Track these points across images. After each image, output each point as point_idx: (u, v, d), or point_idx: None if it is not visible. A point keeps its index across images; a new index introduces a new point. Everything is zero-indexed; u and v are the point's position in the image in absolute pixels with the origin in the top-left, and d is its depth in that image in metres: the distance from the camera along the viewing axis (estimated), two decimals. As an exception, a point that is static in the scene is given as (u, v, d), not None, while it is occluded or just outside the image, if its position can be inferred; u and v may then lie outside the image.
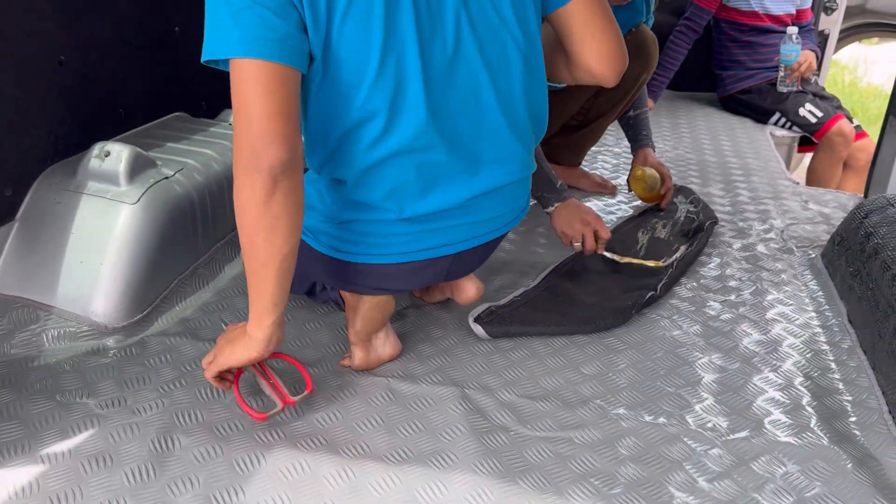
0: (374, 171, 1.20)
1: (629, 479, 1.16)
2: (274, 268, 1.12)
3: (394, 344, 1.42)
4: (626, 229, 2.04)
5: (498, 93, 1.24)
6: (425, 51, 1.15)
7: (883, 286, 1.43)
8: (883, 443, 1.26)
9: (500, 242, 1.44)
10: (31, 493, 1.08)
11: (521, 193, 1.38)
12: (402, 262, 1.29)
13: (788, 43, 3.10)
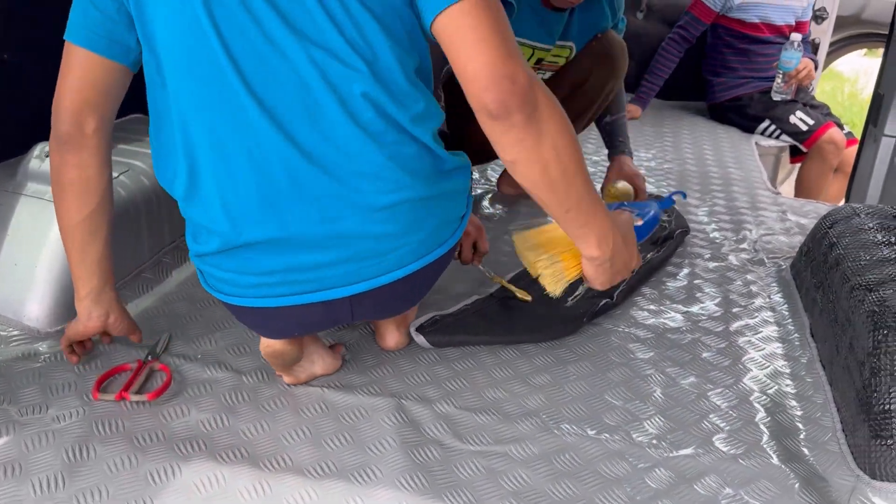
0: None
1: (561, 498, 1.11)
2: (66, 239, 1.25)
3: (328, 362, 1.35)
4: None
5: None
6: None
7: (842, 298, 1.37)
8: (833, 462, 1.20)
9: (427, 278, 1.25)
10: (-70, 504, 1.03)
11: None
12: (255, 307, 1.19)
13: (790, 49, 3.04)
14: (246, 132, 1.07)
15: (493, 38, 0.98)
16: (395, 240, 1.13)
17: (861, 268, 1.36)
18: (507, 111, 0.98)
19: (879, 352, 1.17)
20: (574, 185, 1.06)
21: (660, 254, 1.88)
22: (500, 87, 0.97)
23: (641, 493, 1.13)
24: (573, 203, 1.08)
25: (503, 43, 0.99)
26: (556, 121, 1.02)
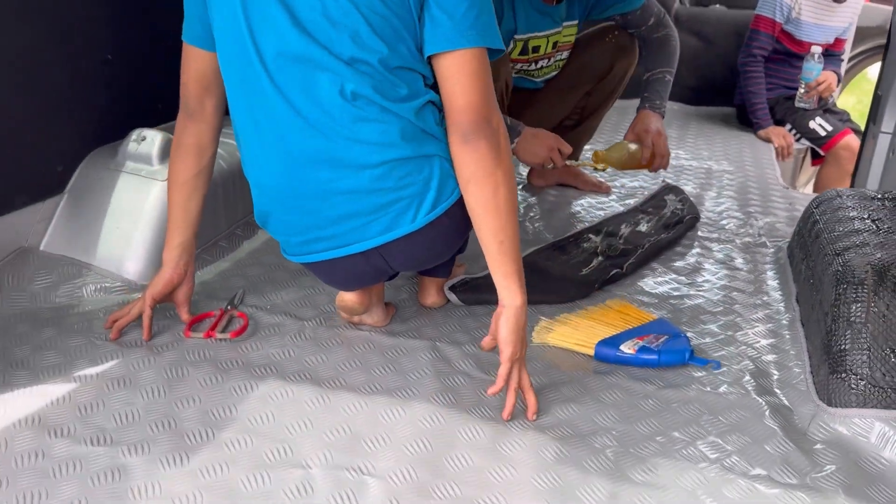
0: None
1: (565, 416, 1.35)
2: (173, 193, 1.50)
3: (380, 316, 1.60)
4: (612, 220, 2.21)
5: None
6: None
7: (818, 264, 1.58)
8: (799, 397, 1.42)
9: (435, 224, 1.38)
10: (62, 404, 1.31)
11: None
12: (309, 263, 1.45)
13: (811, 61, 3.23)
14: (271, 114, 1.32)
15: (484, 84, 1.28)
16: (391, 194, 1.32)
17: (834, 238, 1.57)
18: (477, 137, 1.26)
19: (839, 302, 1.39)
20: (510, 221, 1.29)
21: (669, 235, 2.10)
22: (479, 120, 1.27)
23: (635, 412, 1.36)
24: (507, 237, 1.28)
25: (489, 91, 1.29)
26: (508, 161, 1.29)
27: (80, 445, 1.21)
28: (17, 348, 1.46)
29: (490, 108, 1.28)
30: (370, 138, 1.29)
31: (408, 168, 1.31)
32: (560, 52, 2.31)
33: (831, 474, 1.22)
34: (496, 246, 1.28)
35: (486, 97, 1.28)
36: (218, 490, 1.13)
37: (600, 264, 1.88)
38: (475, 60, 1.27)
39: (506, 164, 1.28)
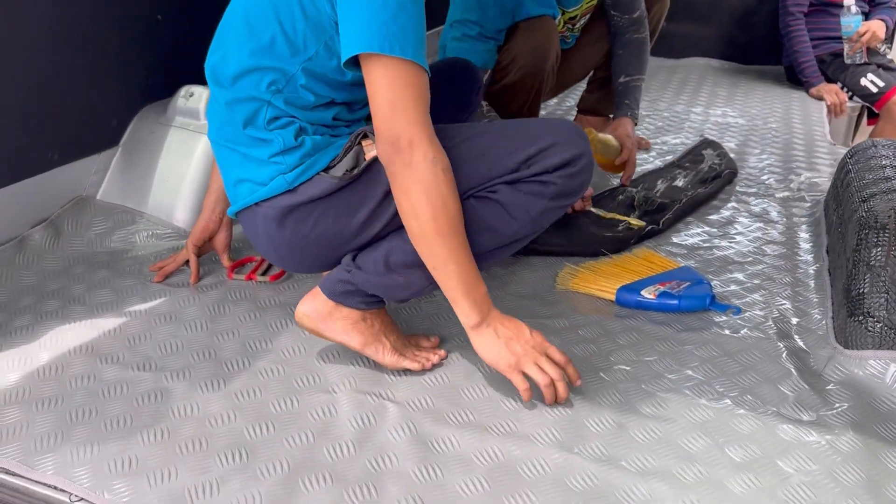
0: None
1: (578, 355, 1.40)
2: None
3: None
4: (648, 176, 2.23)
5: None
6: None
7: (847, 210, 1.58)
8: (817, 341, 1.44)
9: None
10: (114, 335, 1.42)
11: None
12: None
13: (847, 15, 3.14)
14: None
15: (397, 95, 1.13)
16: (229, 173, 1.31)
17: (863, 185, 1.56)
18: (388, 160, 1.14)
19: (860, 247, 1.39)
20: (439, 247, 1.16)
21: (707, 190, 2.10)
22: (387, 143, 1.14)
23: (650, 352, 1.40)
24: (439, 263, 1.18)
25: (402, 102, 1.13)
26: (423, 181, 1.13)
27: (128, 371, 1.32)
28: (74, 286, 1.58)
29: (404, 118, 1.13)
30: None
31: (232, 156, 1.31)
32: (585, 16, 2.31)
33: (842, 412, 1.25)
34: (431, 272, 1.20)
35: (400, 107, 1.13)
36: (251, 411, 1.23)
37: (637, 221, 1.89)
38: (387, 70, 1.13)
39: (419, 190, 1.13)
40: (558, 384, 1.22)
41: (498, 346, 1.22)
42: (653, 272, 1.64)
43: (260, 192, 1.25)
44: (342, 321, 1.31)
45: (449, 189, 1.15)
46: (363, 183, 1.23)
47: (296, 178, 1.23)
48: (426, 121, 1.15)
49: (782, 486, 1.09)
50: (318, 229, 1.25)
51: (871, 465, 1.13)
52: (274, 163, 1.24)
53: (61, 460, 1.12)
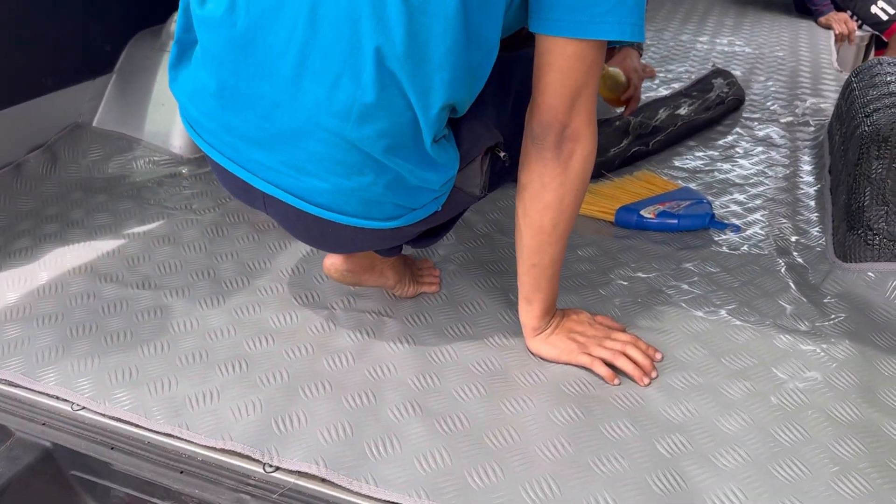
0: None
1: (576, 271, 1.40)
2: None
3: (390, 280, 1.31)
4: (651, 105, 2.19)
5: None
6: None
7: (850, 127, 1.56)
8: (816, 257, 1.43)
9: (346, 235, 1.08)
10: (113, 256, 1.43)
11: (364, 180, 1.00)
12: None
13: None
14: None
15: (571, 86, 0.99)
16: (318, 169, 1.00)
17: (867, 101, 1.54)
18: (544, 143, 1.02)
19: (861, 161, 1.38)
20: (552, 247, 1.10)
21: (707, 115, 2.07)
22: (552, 125, 1.01)
23: (648, 268, 1.40)
24: (542, 262, 1.11)
25: (576, 93, 1.00)
26: (575, 183, 1.05)
27: (128, 289, 1.33)
28: (72, 211, 1.58)
29: (571, 114, 1.01)
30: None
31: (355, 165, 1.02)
32: None
33: (839, 322, 1.25)
34: (527, 267, 1.12)
35: (570, 99, 1.00)
36: (250, 326, 1.24)
37: (629, 144, 1.88)
38: (564, 54, 0.97)
39: (570, 184, 1.04)
40: (627, 349, 1.13)
41: (551, 342, 1.15)
42: (653, 193, 1.63)
43: (411, 217, 1.06)
44: (379, 268, 1.25)
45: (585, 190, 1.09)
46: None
47: (442, 196, 1.06)
48: (595, 110, 1.04)
49: (777, 390, 1.10)
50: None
51: (865, 372, 1.14)
52: (431, 190, 1.04)
53: (63, 372, 1.13)
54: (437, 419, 1.04)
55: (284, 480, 0.97)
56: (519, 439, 1.01)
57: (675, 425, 1.04)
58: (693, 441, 1.01)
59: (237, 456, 1.00)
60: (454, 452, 0.99)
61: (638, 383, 1.11)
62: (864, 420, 1.05)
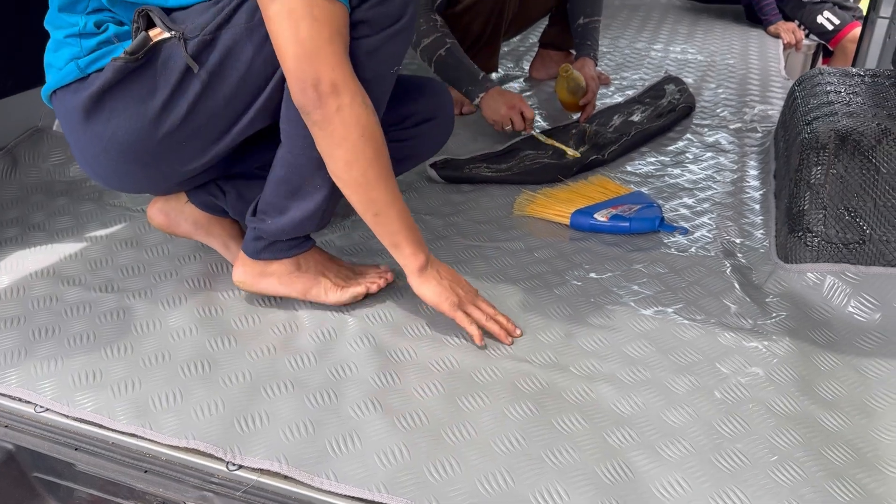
0: None
1: (532, 273, 1.45)
2: None
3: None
4: (606, 112, 2.26)
5: None
6: None
7: (792, 134, 1.63)
8: (760, 258, 1.50)
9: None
10: (75, 259, 1.44)
11: None
12: None
13: None
14: None
15: (298, 32, 1.02)
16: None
17: (808, 110, 1.61)
18: (311, 107, 1.06)
19: (802, 167, 1.45)
20: (378, 190, 1.13)
21: (659, 123, 2.14)
22: (306, 89, 1.04)
23: (600, 269, 1.45)
24: (381, 208, 1.15)
25: (313, 41, 1.03)
26: (354, 126, 1.07)
27: (90, 292, 1.34)
28: (33, 214, 1.58)
29: (317, 61, 1.04)
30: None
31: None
32: None
33: (780, 321, 1.31)
34: (370, 218, 1.16)
35: (310, 48, 1.03)
36: (213, 327, 1.26)
37: (585, 152, 1.93)
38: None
39: (353, 134, 1.08)
40: (498, 318, 1.24)
41: (442, 286, 1.21)
42: (606, 197, 1.69)
43: (55, 77, 1.16)
44: (277, 276, 1.29)
45: (380, 130, 1.11)
46: (152, 68, 1.11)
47: (88, 64, 1.12)
48: (346, 59, 1.07)
49: (720, 385, 1.16)
50: (114, 124, 1.14)
51: (803, 366, 1.20)
52: (68, 44, 1.14)
53: (25, 374, 1.14)
54: (396, 416, 1.08)
55: (247, 478, 1.00)
56: (475, 434, 1.05)
57: (624, 418, 1.09)
58: (640, 433, 1.06)
59: (201, 455, 1.02)
60: (413, 448, 1.02)
61: (503, 342, 1.22)
62: (802, 412, 1.11)
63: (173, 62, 1.11)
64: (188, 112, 1.13)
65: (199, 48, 1.10)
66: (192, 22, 1.10)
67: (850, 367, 1.20)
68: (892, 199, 1.36)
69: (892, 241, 1.35)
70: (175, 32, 1.10)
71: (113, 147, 1.16)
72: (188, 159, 1.20)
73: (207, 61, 1.10)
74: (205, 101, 1.12)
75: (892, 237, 1.35)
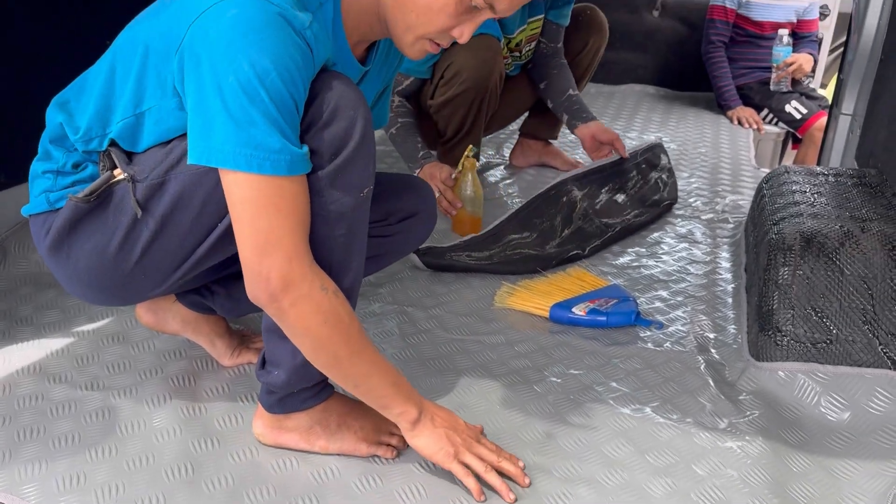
0: None
1: (513, 368, 1.48)
2: None
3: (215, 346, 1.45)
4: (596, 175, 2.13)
5: None
6: None
7: (761, 232, 1.70)
8: (732, 354, 1.55)
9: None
10: (62, 355, 1.45)
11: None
12: None
13: (779, 45, 3.35)
14: None
15: (252, 228, 0.99)
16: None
17: (775, 209, 1.68)
18: (266, 304, 1.03)
19: (770, 266, 1.51)
20: (353, 368, 1.09)
21: (641, 219, 2.16)
22: (261, 287, 1.01)
23: (579, 365, 1.49)
24: (359, 380, 1.11)
25: (262, 234, 0.99)
26: (321, 311, 1.03)
27: (76, 390, 1.35)
28: (21, 307, 1.60)
29: (268, 259, 1.00)
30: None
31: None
32: (529, 43, 2.42)
33: (753, 419, 1.35)
34: (352, 389, 1.13)
35: (261, 245, 1.00)
36: (196, 427, 1.27)
37: (567, 239, 1.95)
38: (240, 190, 0.99)
39: (312, 331, 1.04)
40: (502, 465, 1.17)
41: (437, 436, 1.14)
42: (584, 290, 1.74)
43: (30, 204, 1.19)
44: (297, 431, 1.22)
45: (345, 307, 1.06)
46: (106, 209, 1.12)
47: (57, 199, 1.16)
48: (303, 247, 1.02)
49: (696, 487, 1.18)
50: (75, 259, 1.16)
51: (776, 468, 1.23)
52: (45, 178, 1.17)
53: (9, 478, 1.14)
54: (379, 521, 1.09)
55: (230, 586, 1.00)
56: (457, 540, 1.06)
57: (603, 523, 1.11)
58: (619, 539, 1.08)
59: (184, 562, 1.03)
60: (395, 555, 1.03)
61: (504, 499, 1.13)
62: (775, 515, 1.14)
63: (125, 204, 1.11)
64: (143, 252, 1.13)
65: (149, 192, 1.10)
66: (143, 164, 1.11)
67: (822, 468, 1.24)
68: (856, 300, 1.42)
69: (857, 342, 1.41)
70: (126, 175, 1.11)
71: (79, 276, 1.18)
72: (155, 285, 1.19)
73: (157, 205, 1.10)
74: (158, 242, 1.12)
75: (857, 338, 1.41)
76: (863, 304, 1.42)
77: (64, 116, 1.15)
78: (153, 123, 1.10)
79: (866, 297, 1.42)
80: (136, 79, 1.08)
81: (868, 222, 1.51)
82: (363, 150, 1.06)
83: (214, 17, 0.98)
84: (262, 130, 0.96)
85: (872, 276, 1.42)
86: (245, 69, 0.95)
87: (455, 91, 2.18)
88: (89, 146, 1.15)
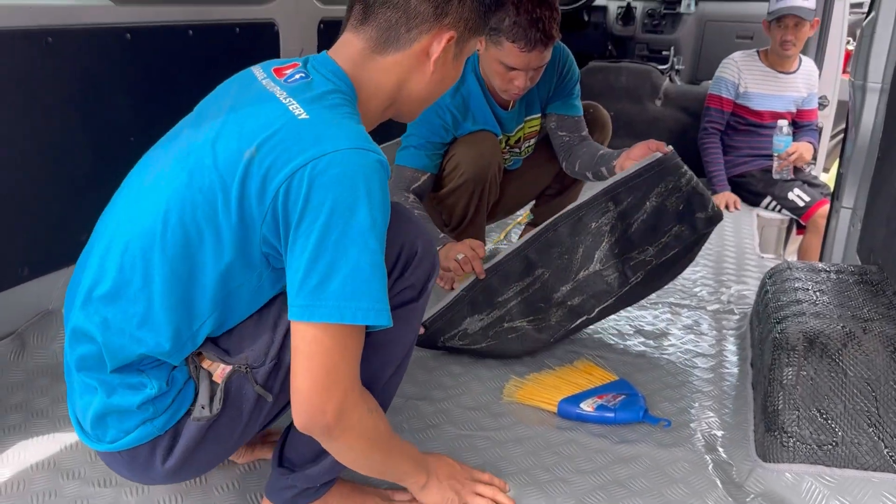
0: None
1: (522, 467, 1.49)
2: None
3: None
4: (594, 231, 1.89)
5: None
6: None
7: (765, 329, 1.73)
8: (740, 453, 1.55)
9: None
10: (75, 449, 1.47)
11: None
12: None
13: (779, 135, 3.44)
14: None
15: (322, 366, 1.03)
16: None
17: (778, 307, 1.72)
18: (317, 431, 1.07)
19: (774, 366, 1.53)
20: (385, 465, 1.22)
21: (665, 259, 1.85)
22: (314, 416, 1.05)
23: (588, 464, 1.50)
24: (385, 471, 1.24)
25: (329, 373, 1.03)
26: (365, 436, 1.11)
27: (89, 486, 1.37)
28: (38, 399, 1.63)
29: (327, 396, 1.04)
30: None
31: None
32: (528, 139, 2.51)
33: (761, 523, 1.35)
34: (376, 475, 1.26)
35: (323, 383, 1.04)
36: (207, 527, 1.29)
37: (580, 286, 1.81)
38: (315, 338, 1.03)
39: (359, 448, 1.13)
40: (497, 497, 1.35)
41: (441, 489, 1.30)
42: (592, 384, 1.76)
43: (124, 440, 1.15)
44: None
45: (384, 420, 1.16)
46: (229, 405, 1.14)
47: (165, 422, 1.14)
48: (357, 377, 1.09)
49: None
50: (200, 462, 1.20)
51: (785, 575, 1.23)
52: (143, 410, 1.12)
53: (21, 579, 1.16)
54: None
55: None
56: None
57: None
58: None
59: None
60: None
61: None
62: None
63: (243, 393, 1.14)
64: (264, 424, 1.21)
65: (269, 373, 1.14)
66: (249, 349, 1.13)
67: (831, 576, 1.23)
68: (860, 402, 1.43)
69: (863, 444, 1.42)
70: (238, 365, 1.13)
71: (185, 474, 1.22)
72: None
73: (276, 381, 1.15)
74: (275, 408, 1.19)
75: (862, 440, 1.42)
76: (867, 406, 1.43)
77: (131, 342, 1.10)
78: (250, 298, 1.12)
79: (870, 399, 1.43)
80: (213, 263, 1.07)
81: (870, 322, 1.54)
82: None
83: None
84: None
85: (875, 378, 1.44)
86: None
87: (456, 183, 2.29)
88: (184, 352, 1.13)
